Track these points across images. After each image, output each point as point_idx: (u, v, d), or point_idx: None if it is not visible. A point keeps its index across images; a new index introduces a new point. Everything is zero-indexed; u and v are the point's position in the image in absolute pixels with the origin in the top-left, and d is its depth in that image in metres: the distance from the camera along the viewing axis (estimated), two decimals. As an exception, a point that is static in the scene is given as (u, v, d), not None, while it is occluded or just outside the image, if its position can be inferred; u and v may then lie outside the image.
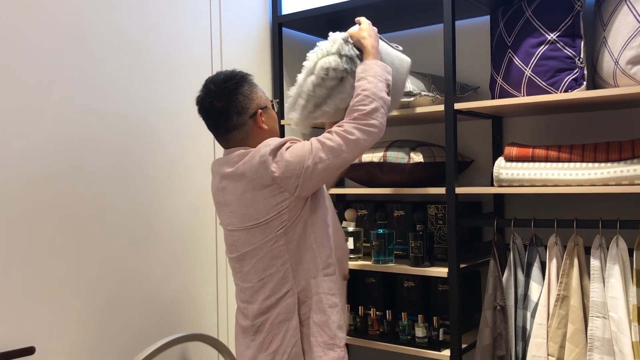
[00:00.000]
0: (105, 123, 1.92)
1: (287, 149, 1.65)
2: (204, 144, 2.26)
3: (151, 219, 2.06)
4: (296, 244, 1.70)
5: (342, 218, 2.55)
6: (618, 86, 1.86)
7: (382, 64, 1.77)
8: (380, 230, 2.31)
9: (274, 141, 1.66)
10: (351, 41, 1.83)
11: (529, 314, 1.94)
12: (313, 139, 1.67)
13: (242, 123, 1.72)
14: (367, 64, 1.75)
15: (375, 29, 1.86)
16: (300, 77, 1.87)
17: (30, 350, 1.68)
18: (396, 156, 2.23)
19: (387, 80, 1.74)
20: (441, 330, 2.21)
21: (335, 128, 1.68)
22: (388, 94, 1.73)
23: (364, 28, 1.83)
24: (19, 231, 1.70)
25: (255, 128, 1.74)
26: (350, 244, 2.38)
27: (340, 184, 2.84)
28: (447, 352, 2.12)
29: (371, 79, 1.71)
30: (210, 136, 2.27)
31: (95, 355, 1.88)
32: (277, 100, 2.07)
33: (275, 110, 1.86)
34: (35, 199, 1.74)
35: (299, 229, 1.69)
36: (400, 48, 2.02)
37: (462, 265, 2.11)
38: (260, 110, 1.74)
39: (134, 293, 2.00)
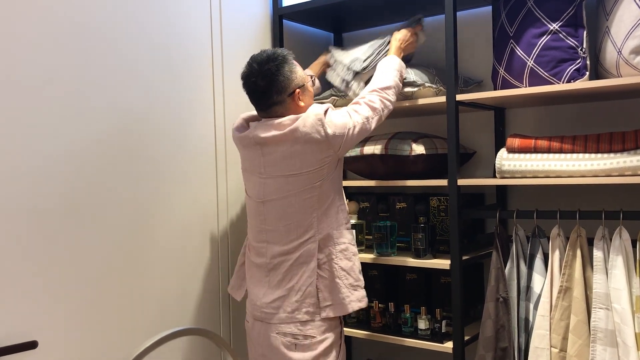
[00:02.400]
0: (104, 117, 1.92)
1: (333, 113, 1.90)
2: (205, 137, 2.25)
3: (153, 214, 2.06)
4: (325, 197, 1.91)
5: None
6: (621, 76, 1.85)
7: (400, 60, 2.13)
8: (383, 223, 2.31)
9: (321, 105, 1.91)
10: (352, 68, 2.26)
11: (531, 306, 1.94)
12: (346, 108, 1.96)
13: (281, 100, 1.91)
14: (387, 58, 2.14)
15: (409, 36, 2.24)
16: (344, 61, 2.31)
17: (32, 345, 1.68)
18: (398, 148, 2.22)
19: (401, 73, 2.12)
20: (444, 322, 2.21)
21: (359, 99, 1.99)
22: (401, 79, 2.11)
23: (401, 31, 2.24)
24: (21, 226, 1.70)
25: (293, 104, 1.92)
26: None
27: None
28: (449, 344, 2.12)
29: (389, 68, 2.09)
30: (211, 127, 2.28)
31: (97, 349, 1.88)
32: (314, 76, 2.26)
33: (314, 85, 2.12)
34: (36, 195, 1.73)
35: (330, 185, 1.92)
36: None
37: (464, 257, 2.11)
38: (298, 90, 1.92)
39: (135, 287, 2.00)
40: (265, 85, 1.88)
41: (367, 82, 2.26)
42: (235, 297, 2.13)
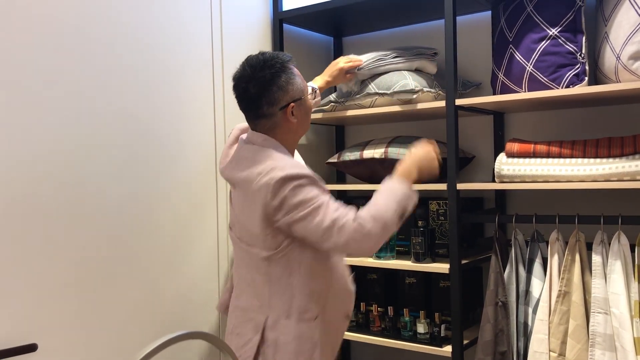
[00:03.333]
0: (104, 120, 1.92)
1: (293, 188, 1.57)
2: (205, 140, 2.26)
3: (152, 217, 2.06)
4: (275, 275, 1.66)
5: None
6: (620, 82, 1.85)
7: (406, 190, 1.66)
8: (382, 227, 2.31)
9: (289, 170, 1.58)
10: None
11: (530, 310, 1.94)
12: (322, 200, 1.58)
13: (271, 114, 1.69)
14: (394, 185, 1.68)
15: (432, 154, 1.82)
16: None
17: (32, 347, 1.68)
18: (398, 152, 2.22)
19: (405, 209, 1.65)
20: (443, 327, 2.22)
21: (340, 214, 1.57)
22: (400, 218, 1.64)
23: (412, 151, 1.80)
24: (21, 228, 1.70)
25: (284, 120, 1.71)
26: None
27: (341, 180, 2.84)
28: (448, 348, 2.12)
29: (390, 202, 1.63)
30: (211, 132, 2.28)
31: (97, 353, 1.88)
32: (316, 88, 2.02)
33: (314, 98, 1.86)
34: (36, 196, 1.74)
35: (282, 263, 1.66)
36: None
37: (463, 261, 2.11)
38: (292, 104, 1.70)
39: (135, 290, 2.00)
40: (257, 93, 1.67)
41: (363, 86, 2.28)
42: None
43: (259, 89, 1.67)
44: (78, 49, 1.85)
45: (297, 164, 1.64)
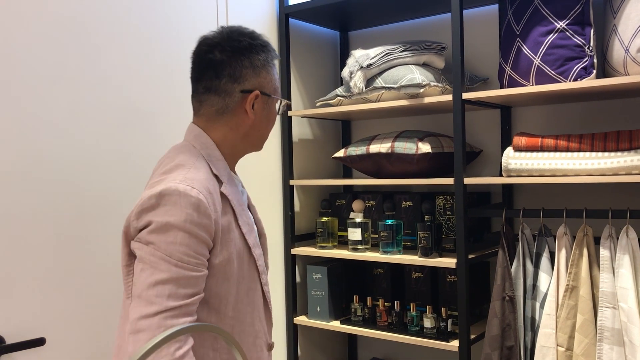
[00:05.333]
0: (107, 118, 1.92)
1: (155, 229, 1.21)
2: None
3: (159, 211, 2.06)
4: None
5: (350, 209, 2.55)
6: (628, 74, 1.84)
7: None
8: (388, 221, 2.31)
9: (190, 187, 1.22)
10: (359, 61, 2.27)
11: (537, 305, 1.94)
12: (161, 255, 1.21)
13: (228, 91, 1.32)
14: None
15: None
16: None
17: (40, 341, 1.69)
18: (404, 146, 2.22)
19: None
20: (450, 321, 2.21)
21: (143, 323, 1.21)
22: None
23: None
24: (29, 224, 1.71)
25: (238, 109, 1.34)
26: (358, 235, 2.38)
27: (348, 175, 2.84)
28: (455, 343, 2.12)
29: None
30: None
31: (104, 347, 1.89)
32: (288, 102, 1.52)
33: (279, 112, 1.43)
34: (44, 193, 1.74)
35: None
36: None
37: (470, 256, 2.11)
38: (258, 93, 1.33)
39: (142, 284, 2.01)
40: (223, 58, 1.30)
41: (370, 80, 2.27)
42: None
43: (229, 54, 1.31)
44: (81, 46, 1.85)
45: (200, 178, 1.25)
